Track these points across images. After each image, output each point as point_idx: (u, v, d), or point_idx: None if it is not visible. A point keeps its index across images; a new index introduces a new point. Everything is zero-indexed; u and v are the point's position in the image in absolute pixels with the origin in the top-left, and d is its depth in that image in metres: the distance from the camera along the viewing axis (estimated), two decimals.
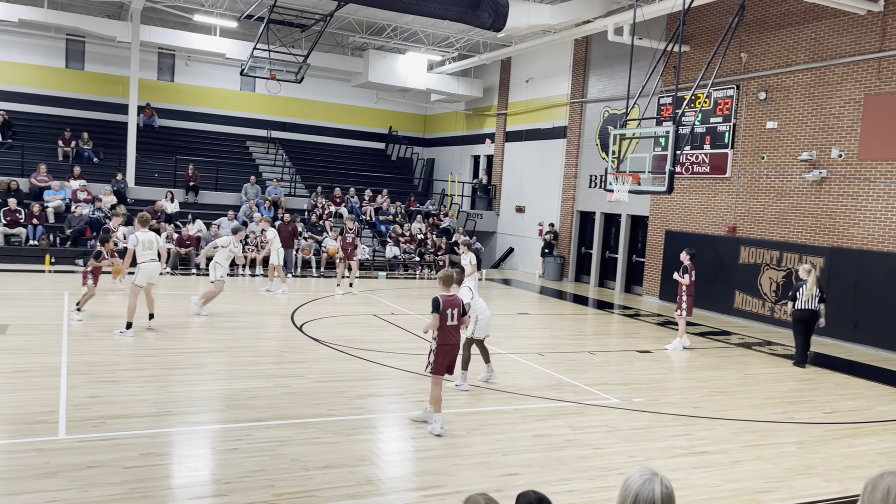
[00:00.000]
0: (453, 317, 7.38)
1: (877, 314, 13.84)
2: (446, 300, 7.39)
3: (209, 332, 11.78)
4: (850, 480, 6.77)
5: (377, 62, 25.78)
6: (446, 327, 7.34)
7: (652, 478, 2.27)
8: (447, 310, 7.34)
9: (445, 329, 7.35)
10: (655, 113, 18.58)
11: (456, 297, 7.53)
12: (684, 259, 12.96)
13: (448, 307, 7.36)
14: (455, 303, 7.45)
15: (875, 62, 14.12)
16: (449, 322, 7.35)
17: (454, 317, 7.39)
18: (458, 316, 7.43)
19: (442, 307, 7.32)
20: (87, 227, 19.50)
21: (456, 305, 7.44)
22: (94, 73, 26.19)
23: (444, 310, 7.32)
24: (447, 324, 7.34)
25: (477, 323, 9.13)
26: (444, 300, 7.37)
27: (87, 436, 6.64)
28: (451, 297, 7.48)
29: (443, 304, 7.33)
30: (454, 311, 7.39)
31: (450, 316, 7.35)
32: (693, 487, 6.34)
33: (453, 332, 7.42)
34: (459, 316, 7.46)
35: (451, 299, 7.45)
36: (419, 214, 24.78)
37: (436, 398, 7.42)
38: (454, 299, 7.48)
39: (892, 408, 9.69)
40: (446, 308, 7.34)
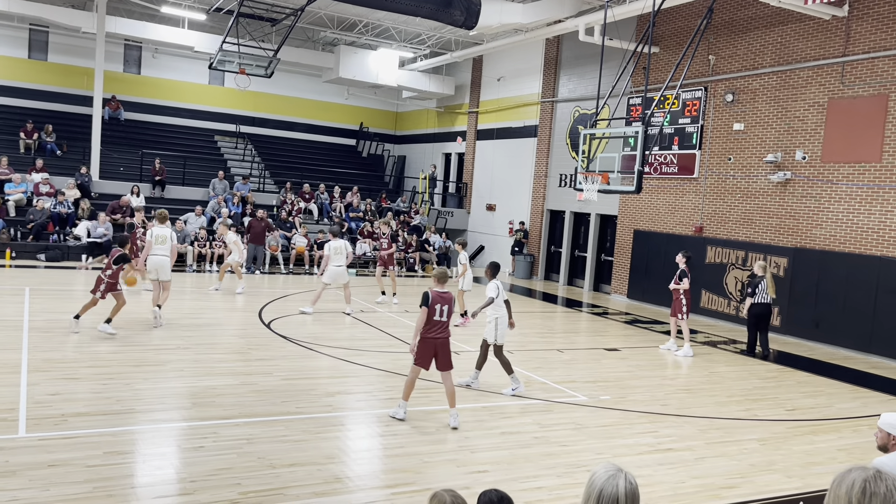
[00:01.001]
0: (442, 312, 7.50)
1: (838, 314, 14.14)
2: (436, 295, 7.50)
3: (175, 329, 11.61)
4: (810, 476, 6.91)
5: (348, 58, 25.64)
6: (432, 321, 7.47)
7: (616, 474, 2.29)
8: (436, 304, 7.46)
9: (431, 323, 7.48)
10: (625, 113, 18.75)
11: (449, 294, 7.59)
12: (681, 263, 12.74)
13: (437, 302, 7.47)
14: (446, 299, 7.55)
15: (839, 66, 14.41)
16: (437, 317, 7.47)
17: (443, 313, 7.50)
18: (447, 313, 7.53)
19: (430, 301, 7.43)
20: (50, 220, 19.11)
21: (447, 302, 7.54)
22: (58, 64, 25.66)
23: (433, 304, 7.44)
24: (434, 318, 7.47)
25: (497, 328, 8.99)
26: (434, 295, 7.49)
27: (48, 434, 6.50)
28: (443, 293, 7.56)
29: (431, 299, 7.44)
30: (444, 307, 7.50)
31: (438, 311, 7.47)
32: (659, 484, 6.42)
33: (439, 327, 7.51)
34: (450, 313, 7.56)
35: (443, 296, 7.54)
36: (389, 211, 24.71)
37: (407, 385, 7.64)
38: (446, 296, 7.56)
39: (852, 405, 9.91)
40: (435, 303, 7.46)
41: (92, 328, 10.92)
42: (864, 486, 1.88)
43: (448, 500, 2.68)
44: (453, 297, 7.68)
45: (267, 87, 27.05)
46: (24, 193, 20.00)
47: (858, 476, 1.90)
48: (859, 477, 1.90)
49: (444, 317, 7.53)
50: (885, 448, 4.10)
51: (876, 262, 13.55)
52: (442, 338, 7.57)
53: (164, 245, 12.00)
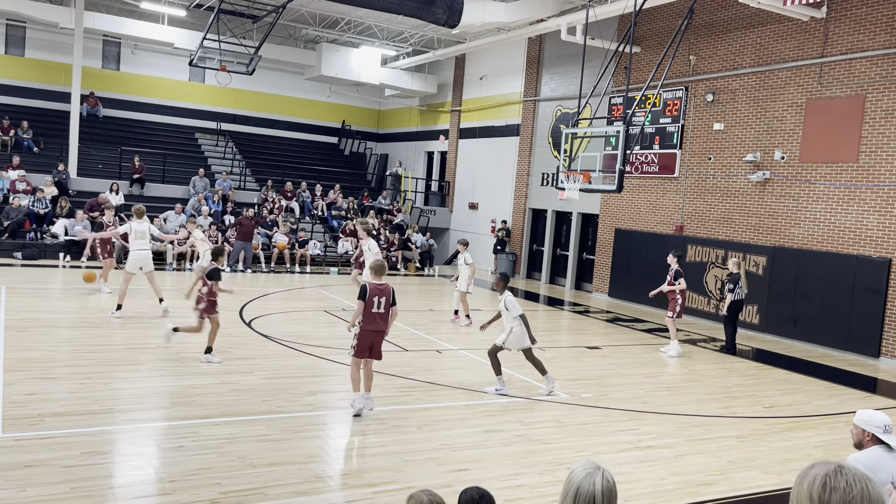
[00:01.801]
0: (380, 304, 7.63)
1: (815, 312, 14.31)
2: (374, 288, 7.65)
3: (154, 328, 11.51)
4: (787, 473, 6.98)
5: (330, 55, 25.53)
6: (370, 314, 7.60)
7: (594, 472, 2.30)
8: (373, 297, 7.61)
9: (369, 315, 7.60)
10: (607, 112, 18.86)
11: (386, 286, 7.73)
12: (673, 263, 12.76)
13: (374, 295, 7.61)
14: (384, 292, 7.68)
15: (817, 67, 14.57)
16: (374, 309, 7.60)
17: (381, 304, 7.63)
18: (385, 304, 7.66)
19: (368, 295, 7.58)
20: (26, 218, 18.86)
21: (385, 294, 7.67)
22: (36, 59, 25.33)
23: (371, 297, 7.59)
24: (372, 310, 7.60)
25: (511, 335, 9.01)
26: (372, 288, 7.64)
27: (25, 434, 6.42)
28: (380, 286, 7.71)
29: (369, 292, 7.59)
30: (381, 300, 7.64)
31: (376, 303, 7.60)
32: (639, 481, 6.46)
33: (378, 319, 7.65)
34: (388, 305, 7.69)
35: (380, 288, 7.68)
36: (372, 210, 24.66)
37: (353, 379, 7.76)
38: (384, 288, 7.70)
39: (829, 402, 10.04)
40: (373, 296, 7.61)
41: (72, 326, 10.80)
42: (824, 480, 1.91)
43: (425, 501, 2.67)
44: (391, 289, 7.79)
45: (248, 84, 26.88)
46: (0, 191, 19.72)
47: (820, 471, 1.93)
48: (821, 472, 1.93)
49: (381, 308, 7.65)
50: (860, 445, 4.15)
51: (853, 261, 13.73)
52: (380, 330, 7.70)
53: (143, 240, 12.25)
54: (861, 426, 4.14)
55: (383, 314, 7.67)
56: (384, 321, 7.71)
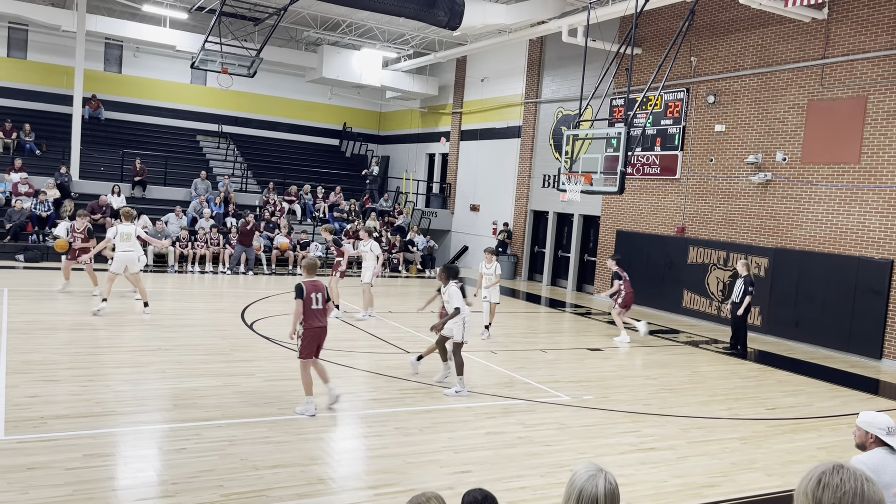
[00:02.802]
0: (318, 300, 7.70)
1: (817, 313, 14.29)
2: (309, 286, 7.70)
3: (156, 330, 11.52)
4: (790, 475, 6.97)
5: (332, 58, 25.56)
6: (311, 311, 7.65)
7: (596, 474, 2.30)
8: (310, 294, 7.65)
9: (310, 313, 7.65)
10: (608, 114, 18.85)
11: (319, 283, 7.80)
12: (612, 266, 13.77)
13: (311, 292, 7.67)
14: (318, 288, 7.75)
15: (818, 69, 14.57)
16: (313, 306, 7.67)
17: (318, 301, 7.70)
18: (322, 300, 7.73)
19: (305, 293, 7.61)
20: (29, 221, 18.89)
21: (319, 290, 7.75)
22: (38, 62, 25.37)
23: (308, 294, 7.62)
24: (311, 307, 7.65)
25: (465, 327, 9.07)
26: (307, 286, 7.68)
27: (27, 436, 6.43)
28: (313, 282, 7.77)
29: (306, 290, 7.63)
30: (318, 296, 7.70)
31: (314, 300, 7.67)
32: (641, 483, 6.46)
33: (318, 316, 7.72)
34: (324, 300, 7.76)
35: (315, 284, 7.75)
36: (373, 212, 24.66)
37: (306, 383, 7.73)
38: (317, 284, 7.78)
39: (831, 404, 10.03)
40: (309, 293, 7.65)
41: (74, 328, 10.80)
42: (820, 478, 1.96)
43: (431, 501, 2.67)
44: (324, 285, 7.87)
45: (249, 86, 26.91)
46: (2, 193, 19.75)
47: (818, 470, 1.98)
48: (817, 471, 1.98)
49: (319, 304, 7.72)
50: (863, 446, 4.14)
51: (855, 263, 13.71)
52: (322, 326, 7.78)
53: (129, 241, 12.51)
54: (864, 428, 4.13)
55: (322, 310, 7.76)
56: (324, 317, 7.80)
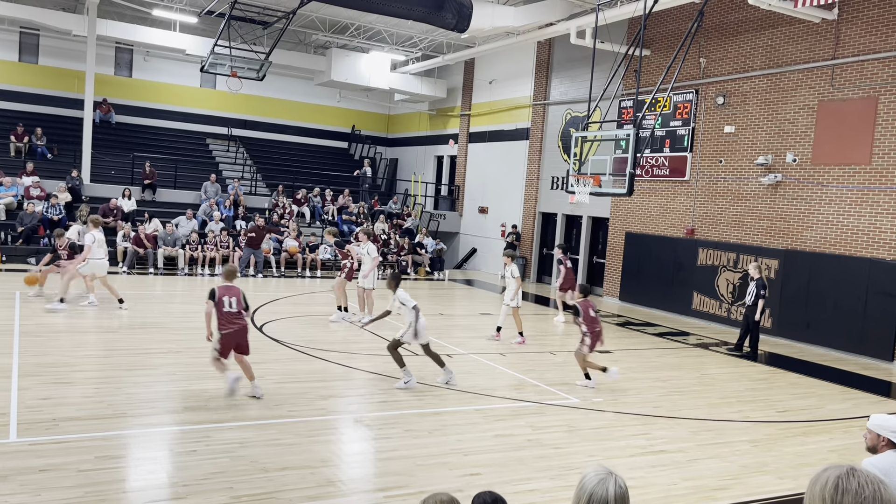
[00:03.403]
0: (231, 304, 8.04)
1: (828, 315, 14.21)
2: (222, 289, 8.09)
3: (166, 332, 11.57)
4: (802, 478, 6.93)
5: (340, 61, 25.64)
6: (223, 314, 8.01)
7: (607, 477, 2.29)
8: (223, 297, 8.01)
9: (223, 316, 8.01)
10: (616, 116, 18.82)
11: (234, 288, 8.16)
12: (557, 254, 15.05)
13: (224, 295, 8.03)
14: (233, 293, 8.10)
15: (829, 69, 14.50)
16: (227, 308, 8.02)
17: (232, 304, 8.04)
18: (237, 304, 8.07)
19: (217, 296, 8.00)
20: (40, 224, 19.01)
21: (234, 294, 8.09)
22: (49, 67, 25.55)
23: (220, 298, 7.99)
24: (223, 310, 8.00)
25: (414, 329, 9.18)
26: (220, 290, 8.08)
27: (40, 438, 6.47)
28: (228, 287, 8.16)
29: (218, 293, 8.02)
30: (231, 300, 8.05)
31: (227, 303, 8.01)
32: (651, 486, 6.44)
33: (233, 319, 8.05)
34: (239, 304, 8.10)
35: (228, 289, 8.12)
36: (382, 214, 24.70)
37: (218, 367, 8.10)
38: (231, 289, 8.14)
39: (843, 406, 9.96)
40: (222, 296, 8.01)
41: (85, 331, 10.87)
42: (836, 482, 1.92)
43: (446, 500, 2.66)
44: (239, 291, 8.19)
45: (259, 90, 26.99)
46: (14, 197, 19.89)
47: (832, 474, 1.94)
48: (833, 475, 1.94)
49: (233, 307, 8.05)
50: (874, 449, 4.12)
51: (866, 264, 13.63)
52: (240, 329, 8.09)
53: (102, 248, 13.08)
54: (875, 431, 4.11)
55: (236, 313, 8.06)
56: (239, 319, 8.09)
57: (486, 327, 14.65)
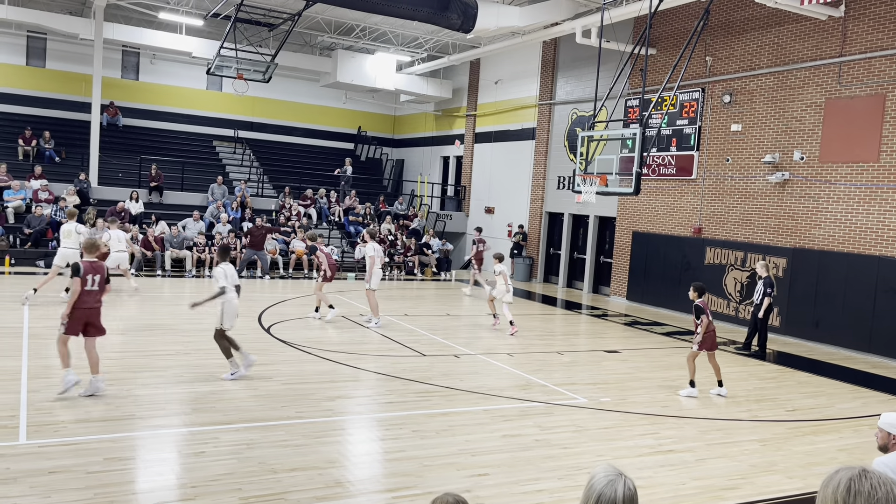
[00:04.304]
0: (94, 282, 7.91)
1: (837, 313, 14.15)
2: (87, 266, 7.93)
3: (174, 334, 11.61)
4: (811, 477, 6.90)
5: (346, 62, 25.67)
6: (84, 291, 7.85)
7: (616, 478, 2.28)
8: (87, 275, 7.87)
9: (84, 293, 7.83)
10: (622, 115, 18.78)
11: (99, 265, 8.02)
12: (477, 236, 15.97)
13: (89, 273, 7.89)
14: (97, 269, 7.97)
15: (836, 67, 14.43)
16: (89, 286, 7.87)
17: (95, 282, 7.92)
18: (99, 282, 7.95)
19: (83, 272, 7.85)
20: (49, 227, 19.10)
21: (98, 272, 7.96)
22: (56, 70, 25.67)
23: (85, 275, 7.85)
24: (86, 288, 7.85)
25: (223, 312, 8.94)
26: (86, 266, 7.92)
27: (49, 441, 6.50)
28: (94, 263, 8.00)
29: (83, 270, 7.86)
30: (95, 277, 7.92)
31: (90, 281, 7.88)
32: (660, 486, 6.42)
33: (91, 297, 7.89)
34: (101, 283, 7.98)
35: (94, 266, 7.97)
36: (388, 215, 24.72)
37: (62, 355, 7.87)
38: (96, 266, 8.00)
39: (853, 405, 9.91)
40: (87, 273, 7.87)
41: None
42: (849, 484, 1.91)
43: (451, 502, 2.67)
44: (105, 267, 8.08)
45: (265, 91, 27.04)
46: (22, 200, 19.99)
47: (844, 475, 1.93)
48: (845, 476, 1.93)
49: (95, 286, 7.91)
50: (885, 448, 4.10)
51: (875, 262, 13.56)
52: (94, 308, 7.92)
53: (69, 238, 13.93)
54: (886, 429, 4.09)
55: (97, 292, 7.95)
56: (97, 298, 7.96)
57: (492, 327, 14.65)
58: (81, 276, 7.82)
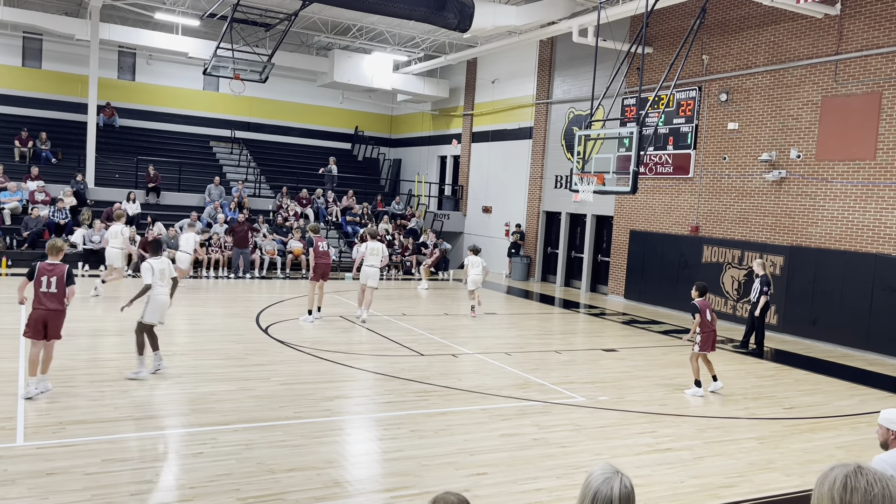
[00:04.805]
0: (50, 284, 7.92)
1: (834, 311, 14.17)
2: (43, 267, 7.96)
3: (172, 335, 11.59)
4: (809, 474, 6.92)
5: (343, 62, 25.65)
6: (38, 293, 7.89)
7: (612, 476, 2.29)
8: (42, 276, 7.92)
9: (38, 295, 7.90)
10: (619, 114, 18.80)
11: (59, 267, 8.00)
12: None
13: (44, 274, 7.93)
14: (54, 272, 7.97)
15: (832, 65, 14.45)
16: (44, 289, 7.89)
17: (51, 284, 7.92)
18: (56, 284, 7.92)
19: (37, 274, 7.92)
20: (46, 229, 19.07)
21: (55, 274, 7.96)
22: (52, 71, 25.62)
23: (39, 276, 7.91)
24: (41, 290, 7.88)
25: (147, 306, 8.85)
26: (41, 267, 7.96)
27: (47, 442, 6.49)
28: (52, 265, 8.00)
29: (38, 271, 7.93)
30: (51, 279, 7.94)
31: (45, 283, 7.91)
32: (658, 484, 6.43)
33: (45, 299, 7.89)
34: (59, 284, 7.94)
35: (50, 268, 7.98)
36: (386, 215, 24.71)
37: (31, 361, 7.91)
38: (55, 268, 7.99)
39: (850, 403, 9.93)
40: (41, 275, 7.92)
41: (91, 334, 10.89)
42: (844, 481, 1.92)
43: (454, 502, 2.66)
44: (64, 270, 8.02)
45: (261, 92, 27.03)
46: (19, 202, 19.96)
47: (840, 472, 1.94)
48: (840, 473, 1.94)
49: (51, 288, 7.90)
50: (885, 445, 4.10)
51: (872, 260, 13.59)
52: (52, 310, 7.89)
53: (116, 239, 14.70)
54: (885, 425, 4.10)
55: (55, 294, 7.91)
56: (55, 300, 7.91)
57: (491, 327, 14.66)
58: (35, 279, 7.87)
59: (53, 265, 8.01)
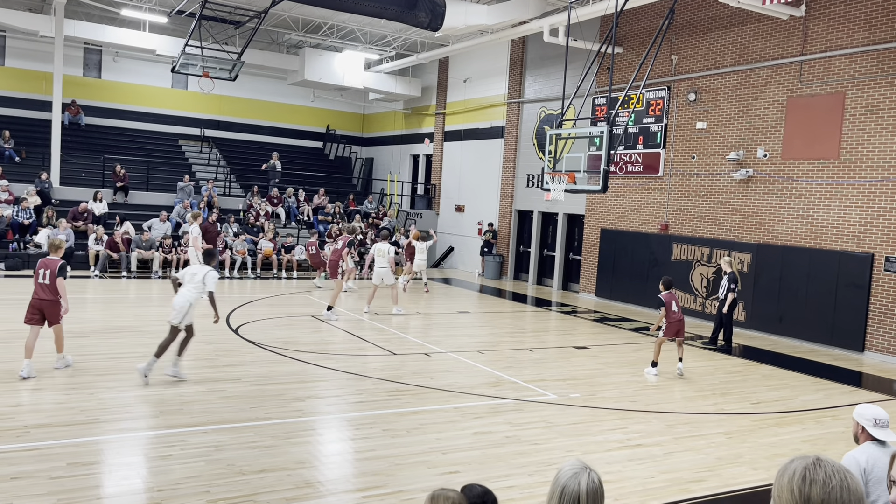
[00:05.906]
0: (45, 276, 8.57)
1: (800, 308, 14.43)
2: (42, 262, 8.69)
3: (140, 336, 11.43)
4: (775, 468, 6.96)
5: (313, 60, 25.49)
6: (36, 284, 8.61)
7: (580, 472, 2.30)
8: (39, 269, 8.62)
9: (35, 285, 8.61)
10: (590, 113, 18.93)
11: (52, 261, 8.65)
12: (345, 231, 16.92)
13: (41, 267, 8.63)
14: (48, 265, 8.61)
15: (797, 65, 14.70)
16: (40, 280, 8.59)
17: (46, 276, 8.56)
18: (49, 276, 8.54)
19: (36, 267, 8.67)
20: (9, 229, 18.68)
21: (49, 267, 8.60)
22: (16, 68, 25.10)
23: (38, 269, 8.63)
24: (38, 281, 8.59)
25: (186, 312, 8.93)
26: (40, 262, 8.71)
27: (11, 446, 6.36)
28: (48, 260, 8.68)
29: (37, 265, 8.67)
30: (46, 272, 8.58)
31: (41, 275, 8.58)
32: (628, 479, 6.49)
33: (40, 289, 8.57)
34: (52, 276, 8.54)
35: (46, 262, 8.66)
36: (358, 214, 24.61)
37: (27, 346, 8.53)
38: (49, 262, 8.65)
39: (815, 397, 10.12)
40: (39, 268, 8.64)
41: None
42: (804, 473, 1.95)
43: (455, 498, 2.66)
44: (56, 265, 8.63)
45: (231, 90, 26.76)
46: None
47: (799, 465, 1.97)
48: (800, 466, 1.97)
49: (46, 280, 8.55)
50: (856, 438, 4.19)
51: (835, 257, 13.86)
52: (45, 299, 8.56)
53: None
54: (856, 419, 4.19)
55: (48, 285, 8.54)
56: (48, 291, 8.55)
57: (464, 325, 14.69)
58: (35, 271, 8.64)
59: (48, 260, 8.69)
